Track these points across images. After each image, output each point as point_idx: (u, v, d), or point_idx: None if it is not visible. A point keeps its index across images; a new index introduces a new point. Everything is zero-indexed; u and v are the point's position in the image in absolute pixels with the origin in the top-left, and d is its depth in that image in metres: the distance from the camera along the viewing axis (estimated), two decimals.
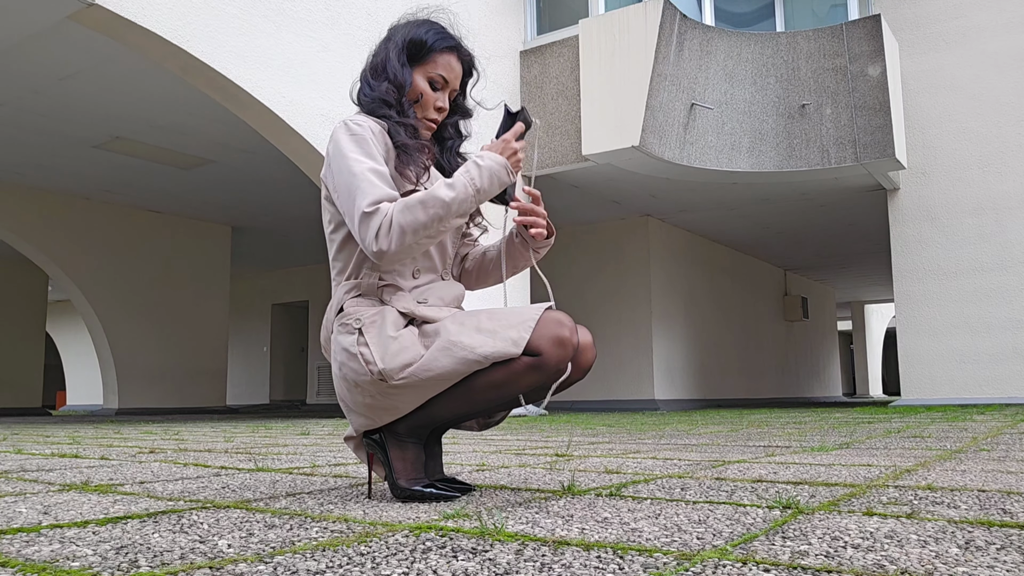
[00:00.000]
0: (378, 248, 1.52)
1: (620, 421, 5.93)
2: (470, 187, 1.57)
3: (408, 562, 1.03)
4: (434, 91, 1.73)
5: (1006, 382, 8.38)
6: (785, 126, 8.13)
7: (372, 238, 1.52)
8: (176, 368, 11.34)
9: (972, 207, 8.70)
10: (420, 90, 1.72)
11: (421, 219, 1.53)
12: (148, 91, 7.03)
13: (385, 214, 1.53)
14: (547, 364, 1.52)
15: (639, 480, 1.94)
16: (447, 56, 1.74)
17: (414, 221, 1.52)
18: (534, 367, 1.52)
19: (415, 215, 1.52)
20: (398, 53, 1.71)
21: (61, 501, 1.68)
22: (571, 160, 8.10)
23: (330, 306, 1.69)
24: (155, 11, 5.33)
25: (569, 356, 1.54)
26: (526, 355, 1.52)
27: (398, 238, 1.52)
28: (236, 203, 10.81)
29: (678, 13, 7.84)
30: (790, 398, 15.06)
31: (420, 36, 1.72)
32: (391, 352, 1.53)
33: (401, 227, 1.52)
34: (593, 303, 10.87)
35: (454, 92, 1.77)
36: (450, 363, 1.52)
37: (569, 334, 1.54)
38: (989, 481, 1.83)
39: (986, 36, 8.72)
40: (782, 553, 1.06)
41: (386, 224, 1.52)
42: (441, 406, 1.59)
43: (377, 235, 1.52)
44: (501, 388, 1.55)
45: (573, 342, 1.54)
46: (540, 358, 1.52)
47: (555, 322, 1.54)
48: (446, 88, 1.75)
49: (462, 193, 1.56)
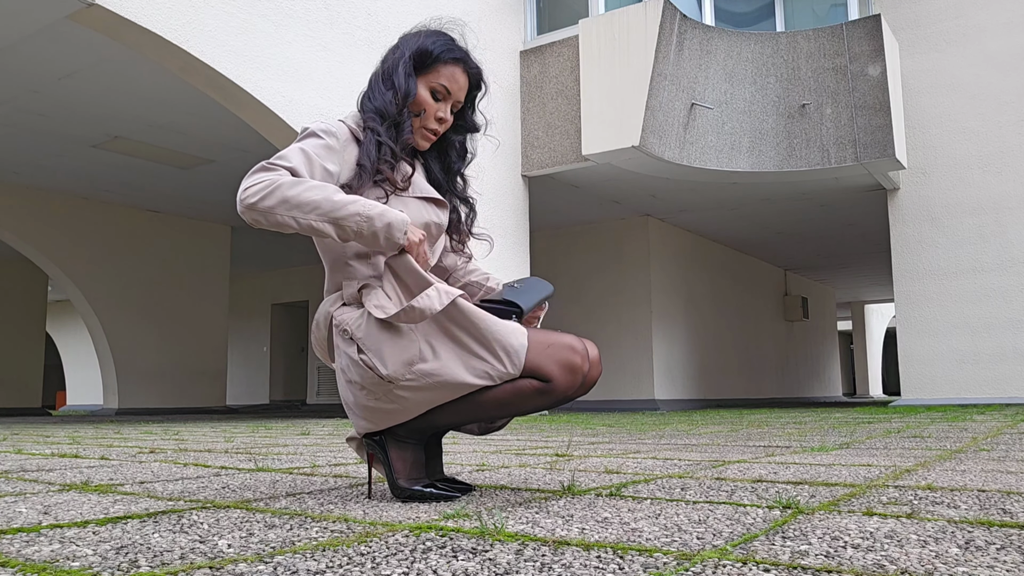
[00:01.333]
0: (244, 198, 1.49)
1: (620, 421, 5.93)
2: (362, 207, 1.51)
3: (408, 562, 1.03)
4: (436, 101, 1.72)
5: (1006, 382, 8.38)
6: (785, 126, 8.13)
7: (247, 186, 1.50)
8: (176, 368, 11.34)
9: (972, 207, 8.70)
10: (421, 100, 1.71)
11: (300, 198, 1.49)
12: (148, 91, 7.02)
13: (278, 175, 1.50)
14: (556, 390, 1.53)
15: (639, 480, 1.94)
16: (452, 67, 1.73)
17: (295, 196, 1.48)
18: (542, 392, 1.53)
19: (298, 191, 1.49)
20: (405, 63, 1.71)
21: (61, 501, 1.68)
22: (571, 160, 8.10)
23: (316, 317, 1.70)
24: (155, 11, 5.33)
25: (579, 383, 1.55)
26: (536, 379, 1.52)
27: (267, 198, 1.48)
28: (235, 203, 10.80)
29: (678, 13, 7.84)
30: (790, 398, 15.06)
31: (427, 47, 1.72)
32: (391, 353, 1.53)
33: (277, 191, 1.49)
34: (593, 303, 10.87)
35: (458, 104, 1.76)
36: (462, 374, 1.52)
37: (580, 361, 1.54)
38: (989, 481, 1.83)
39: (986, 36, 8.72)
40: (782, 553, 1.06)
41: (269, 181, 1.49)
42: (443, 415, 1.59)
43: (253, 186, 1.49)
44: (506, 407, 1.56)
45: (584, 369, 1.54)
46: (550, 384, 1.53)
47: (567, 348, 1.54)
48: (448, 99, 1.73)
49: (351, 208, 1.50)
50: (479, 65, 1.79)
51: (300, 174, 1.54)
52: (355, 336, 1.56)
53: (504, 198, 8.10)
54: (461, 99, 1.76)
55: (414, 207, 1.69)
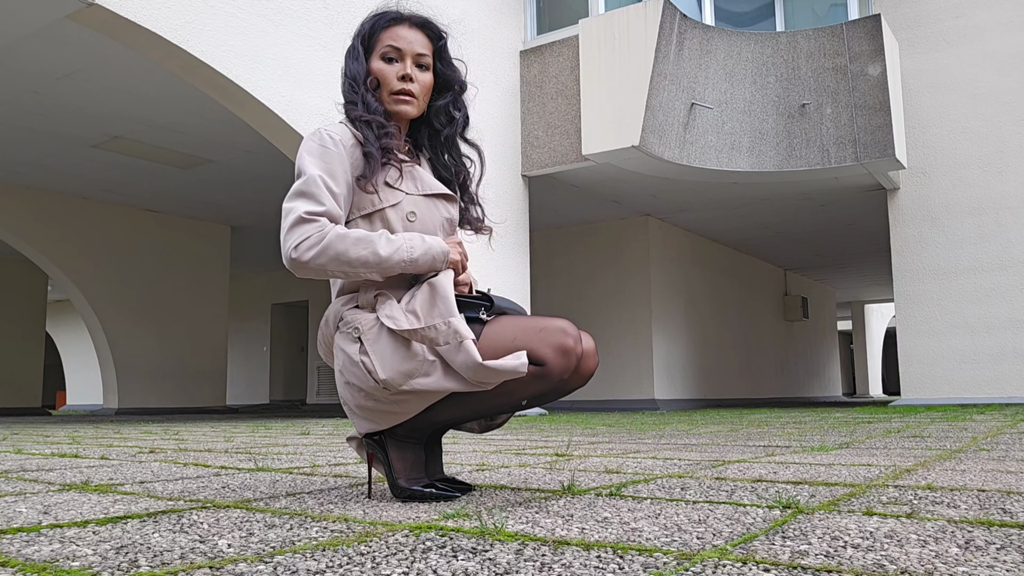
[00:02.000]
0: (296, 256, 1.52)
1: (620, 421, 5.93)
2: (405, 254, 1.57)
3: (408, 562, 1.03)
4: (390, 64, 1.71)
5: (1006, 382, 8.38)
6: (785, 126, 8.13)
7: (295, 243, 1.52)
8: (176, 368, 11.34)
9: (972, 207, 8.70)
10: (375, 71, 1.70)
11: (349, 255, 1.53)
12: (147, 91, 7.02)
13: (321, 228, 1.53)
14: (551, 373, 1.53)
15: (639, 480, 1.94)
16: (392, 29, 1.72)
17: (343, 252, 1.53)
18: (538, 376, 1.53)
19: (346, 247, 1.53)
20: (352, 51, 1.72)
21: (61, 501, 1.68)
22: (571, 160, 8.09)
23: (327, 315, 1.69)
24: (154, 11, 5.33)
25: (573, 365, 1.55)
26: (530, 363, 1.52)
27: (319, 256, 1.52)
28: (235, 203, 10.81)
29: (678, 13, 7.84)
30: (790, 398, 15.06)
31: (364, 26, 1.73)
32: (392, 362, 1.53)
33: (328, 250, 1.52)
34: (593, 303, 10.87)
35: (420, 58, 1.72)
36: (455, 382, 1.53)
37: (573, 343, 1.54)
38: (989, 481, 1.83)
39: (986, 36, 8.72)
40: (782, 553, 1.06)
41: (316, 238, 1.52)
42: (444, 411, 1.60)
43: (301, 243, 1.52)
44: (505, 396, 1.57)
45: (577, 352, 1.55)
46: (544, 368, 1.53)
47: (560, 331, 1.55)
48: (404, 58, 1.71)
49: (395, 257, 1.57)
50: (423, 16, 1.76)
51: (336, 214, 1.57)
52: (363, 336, 1.57)
53: (504, 198, 8.10)
54: (420, 51, 1.72)
55: (424, 206, 1.70)
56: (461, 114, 1.80)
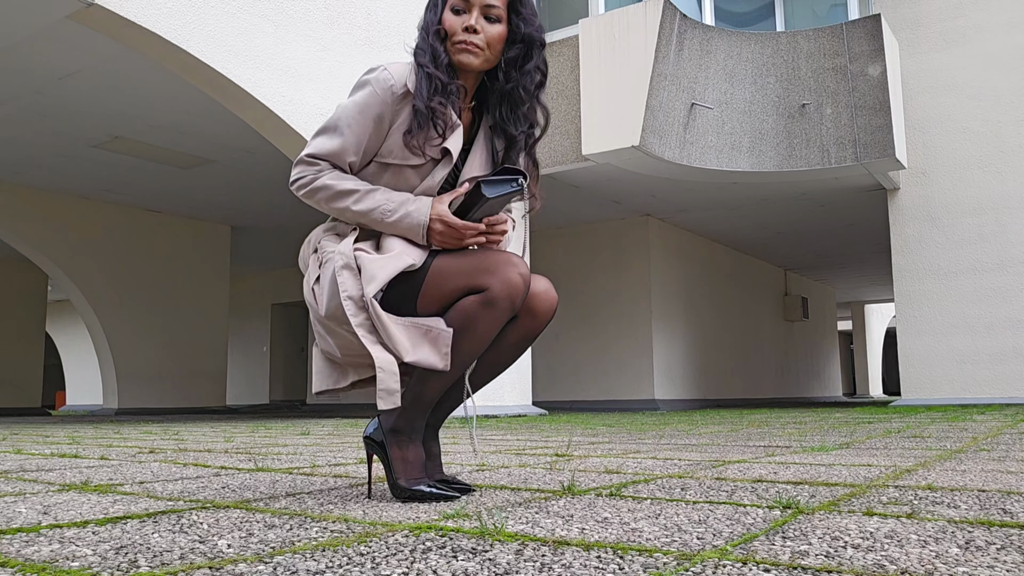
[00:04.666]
0: (292, 189, 1.68)
1: (620, 421, 5.93)
2: (378, 215, 1.63)
3: (408, 562, 1.03)
4: (457, 15, 1.68)
5: (1006, 382, 8.38)
6: (785, 126, 8.13)
7: (293, 178, 1.68)
8: (176, 368, 11.34)
9: (972, 207, 8.70)
10: (444, 22, 1.68)
11: (331, 204, 1.65)
12: (148, 91, 7.02)
13: (316, 172, 1.65)
14: (496, 297, 1.54)
15: (639, 480, 1.94)
16: None
17: (325, 200, 1.65)
18: (484, 303, 1.55)
19: (328, 195, 1.64)
20: (431, 3, 1.72)
21: (61, 501, 1.68)
22: (571, 160, 8.09)
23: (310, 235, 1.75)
24: (155, 11, 5.33)
25: (517, 290, 1.56)
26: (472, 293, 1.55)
27: (307, 197, 1.66)
28: (236, 203, 10.81)
29: (678, 13, 7.83)
30: (790, 398, 15.06)
31: None
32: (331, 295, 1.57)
33: (314, 194, 1.65)
34: (593, 303, 10.87)
35: (488, 8, 1.67)
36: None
37: (516, 267, 1.57)
38: (989, 481, 1.83)
39: (986, 36, 8.72)
40: (782, 553, 1.06)
41: (308, 179, 1.65)
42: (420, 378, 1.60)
43: (296, 180, 1.67)
44: (465, 333, 1.56)
45: (519, 270, 1.56)
46: (487, 293, 1.54)
47: (504, 261, 1.58)
48: (470, 8, 1.67)
49: (370, 215, 1.63)
50: None
51: (342, 158, 1.64)
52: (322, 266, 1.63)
53: None
54: (490, 2, 1.66)
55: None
56: (531, 64, 1.71)
